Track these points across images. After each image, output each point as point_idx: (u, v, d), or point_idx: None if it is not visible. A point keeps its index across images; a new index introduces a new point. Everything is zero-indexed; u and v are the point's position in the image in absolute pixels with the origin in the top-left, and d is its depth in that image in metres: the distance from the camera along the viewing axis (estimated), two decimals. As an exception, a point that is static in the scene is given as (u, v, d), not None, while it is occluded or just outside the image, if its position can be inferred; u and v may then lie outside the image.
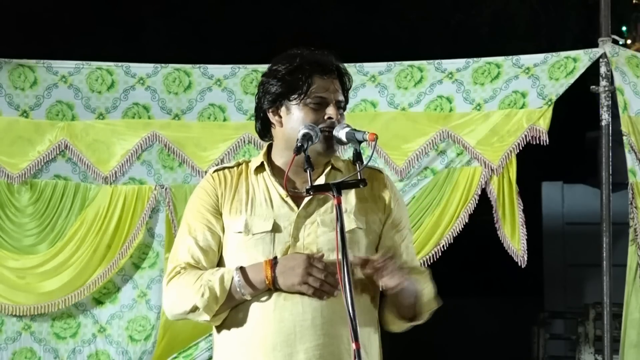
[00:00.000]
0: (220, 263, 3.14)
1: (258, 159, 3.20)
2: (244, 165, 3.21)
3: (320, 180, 3.08)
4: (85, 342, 5.56)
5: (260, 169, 3.17)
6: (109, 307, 5.57)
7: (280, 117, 3.13)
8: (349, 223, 3.06)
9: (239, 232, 3.08)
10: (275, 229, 3.06)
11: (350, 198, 3.12)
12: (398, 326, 3.20)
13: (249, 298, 3.03)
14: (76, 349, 5.55)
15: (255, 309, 3.04)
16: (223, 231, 3.13)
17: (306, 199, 3.08)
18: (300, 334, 3.00)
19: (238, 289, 3.01)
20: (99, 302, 5.58)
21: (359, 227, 3.09)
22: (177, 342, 5.46)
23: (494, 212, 5.35)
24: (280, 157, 3.16)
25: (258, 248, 3.06)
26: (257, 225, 3.07)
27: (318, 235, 3.05)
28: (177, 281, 3.08)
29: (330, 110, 3.07)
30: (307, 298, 3.00)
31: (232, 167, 3.22)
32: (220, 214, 3.13)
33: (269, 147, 3.22)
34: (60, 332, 5.55)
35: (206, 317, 3.05)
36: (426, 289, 3.13)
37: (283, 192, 3.09)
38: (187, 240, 3.13)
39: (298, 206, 3.09)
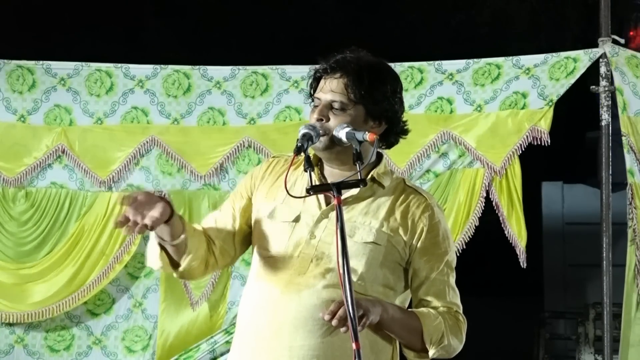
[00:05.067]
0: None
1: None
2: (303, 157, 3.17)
3: (353, 192, 3.06)
4: (81, 355, 5.53)
5: (308, 162, 3.12)
6: (103, 318, 5.55)
7: None
8: (367, 236, 3.04)
9: (266, 217, 3.11)
10: (297, 220, 3.08)
11: (380, 213, 3.08)
12: (412, 358, 3.15)
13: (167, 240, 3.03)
14: None
15: (255, 296, 3.07)
16: (247, 214, 3.17)
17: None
18: (291, 331, 2.99)
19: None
20: (93, 313, 5.56)
21: (376, 243, 3.05)
22: (177, 352, 5.45)
23: (498, 213, 5.35)
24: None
25: (276, 235, 3.08)
26: (282, 214, 3.09)
27: (333, 241, 3.00)
28: None
29: (314, 112, 3.07)
30: (302, 297, 2.99)
31: (291, 156, 3.18)
32: (250, 198, 3.18)
33: None
34: (53, 344, 5.52)
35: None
36: (429, 325, 3.05)
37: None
38: (216, 212, 3.24)
39: (327, 204, 3.08)
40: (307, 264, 3.03)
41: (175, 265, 3.10)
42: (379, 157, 3.18)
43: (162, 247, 3.05)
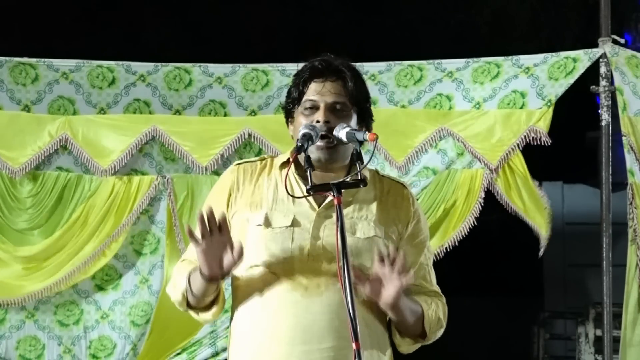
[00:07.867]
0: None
1: (285, 155, 3.21)
2: (269, 160, 3.23)
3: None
4: (89, 329, 5.60)
5: (285, 164, 3.17)
6: (111, 293, 5.62)
7: (293, 126, 3.20)
8: (368, 230, 3.09)
9: (259, 225, 3.09)
10: (295, 224, 3.08)
11: (372, 207, 3.13)
12: (405, 347, 3.20)
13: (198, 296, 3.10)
14: (79, 335, 5.59)
15: (272, 302, 3.07)
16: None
17: (327, 199, 3.07)
18: (319, 333, 3.01)
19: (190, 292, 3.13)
20: (101, 288, 5.63)
21: (377, 236, 3.09)
22: (171, 325, 5.48)
23: (510, 210, 5.34)
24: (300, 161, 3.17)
25: (277, 242, 3.07)
26: (277, 220, 3.09)
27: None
28: (174, 270, 3.24)
29: (317, 115, 3.10)
30: (325, 297, 3.01)
31: (256, 161, 3.24)
32: (230, 208, 3.16)
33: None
34: (63, 319, 5.60)
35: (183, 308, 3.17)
36: (428, 310, 3.12)
37: (305, 189, 3.07)
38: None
39: (319, 205, 3.10)
40: (319, 265, 3.04)
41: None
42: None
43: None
